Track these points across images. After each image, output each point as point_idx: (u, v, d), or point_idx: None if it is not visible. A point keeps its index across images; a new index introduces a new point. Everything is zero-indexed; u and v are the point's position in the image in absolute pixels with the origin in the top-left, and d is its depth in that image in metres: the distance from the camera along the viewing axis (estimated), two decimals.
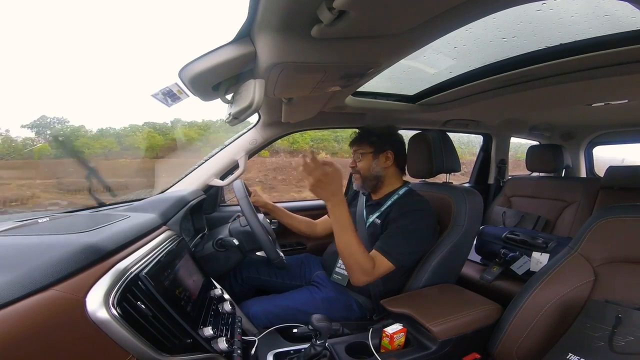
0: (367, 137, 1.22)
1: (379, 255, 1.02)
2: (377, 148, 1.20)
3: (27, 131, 3.01)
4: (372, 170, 1.20)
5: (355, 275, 1.00)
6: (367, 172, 1.20)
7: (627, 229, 0.83)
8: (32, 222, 0.81)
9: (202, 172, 1.46)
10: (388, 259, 1.01)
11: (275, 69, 0.73)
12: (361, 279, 0.99)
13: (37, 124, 2.98)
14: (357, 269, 0.98)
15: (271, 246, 1.06)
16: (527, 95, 1.28)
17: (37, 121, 2.98)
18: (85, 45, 3.38)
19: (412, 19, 0.61)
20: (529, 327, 0.85)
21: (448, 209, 1.20)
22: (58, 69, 2.98)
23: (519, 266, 1.55)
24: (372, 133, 1.22)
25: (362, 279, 0.99)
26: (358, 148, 1.23)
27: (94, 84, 3.06)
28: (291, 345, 0.91)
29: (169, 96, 0.88)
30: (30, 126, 2.99)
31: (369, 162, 1.20)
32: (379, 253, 1.02)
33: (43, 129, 3.03)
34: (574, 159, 2.49)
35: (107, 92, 3.13)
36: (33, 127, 2.98)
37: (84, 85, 3.07)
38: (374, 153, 1.20)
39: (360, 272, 0.98)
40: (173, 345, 0.62)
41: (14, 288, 0.45)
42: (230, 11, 0.69)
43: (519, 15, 0.82)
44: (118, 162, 3.05)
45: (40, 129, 2.99)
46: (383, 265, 1.01)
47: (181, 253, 0.86)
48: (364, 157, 1.21)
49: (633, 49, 0.84)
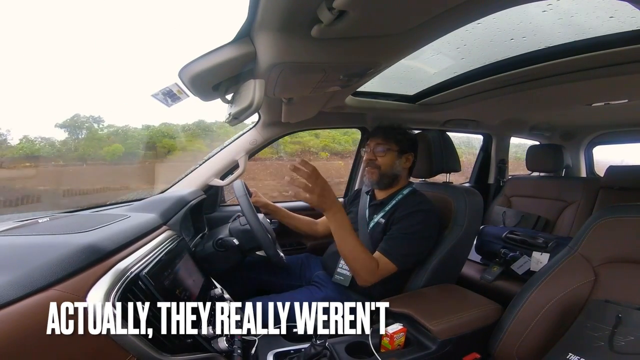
0: (393, 133, 1.20)
1: (383, 257, 1.03)
2: (403, 147, 1.19)
3: (61, 131, 2.99)
4: (394, 168, 1.19)
5: (362, 277, 1.01)
6: (389, 169, 1.18)
7: (627, 229, 0.83)
8: (32, 222, 0.81)
9: (202, 172, 1.46)
10: (392, 260, 1.02)
11: (275, 69, 0.73)
12: (368, 279, 1.01)
13: (70, 124, 2.96)
14: (364, 271, 1.00)
15: (271, 246, 1.06)
16: (527, 95, 1.28)
17: (71, 120, 2.96)
18: (85, 45, 3.37)
19: (412, 19, 0.61)
20: (529, 327, 0.85)
21: (448, 208, 1.20)
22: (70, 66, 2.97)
23: (519, 266, 1.55)
24: (399, 131, 1.21)
25: (369, 280, 1.01)
26: (383, 142, 1.19)
27: (106, 81, 3.06)
28: (291, 345, 0.91)
29: (169, 96, 0.88)
30: (63, 125, 2.98)
31: (392, 159, 1.18)
32: (382, 255, 1.03)
33: (77, 129, 3.01)
34: (574, 159, 2.49)
35: (111, 90, 3.13)
36: (66, 126, 2.96)
37: (96, 83, 3.07)
38: (399, 152, 1.19)
39: (366, 273, 1.00)
40: (173, 345, 0.62)
41: (14, 288, 0.45)
42: (230, 11, 0.69)
43: (519, 15, 0.82)
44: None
45: (73, 129, 2.98)
46: (387, 268, 1.02)
47: (181, 253, 0.86)
48: (387, 153, 1.18)
49: (633, 49, 0.84)
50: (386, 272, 1.02)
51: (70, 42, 3.21)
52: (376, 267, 1.00)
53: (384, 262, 1.02)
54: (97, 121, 3.05)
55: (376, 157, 1.19)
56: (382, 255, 1.03)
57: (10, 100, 2.38)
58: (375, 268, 1.00)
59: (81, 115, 2.99)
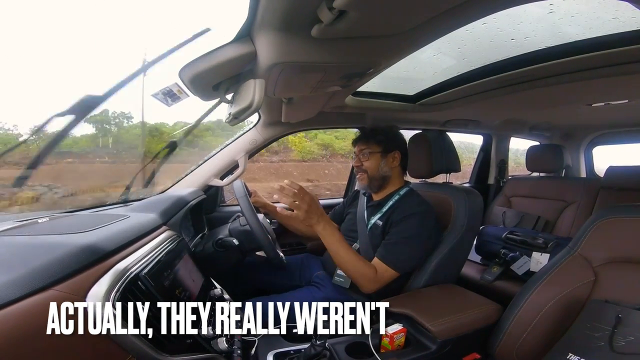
0: (374, 135, 1.21)
1: (382, 264, 1.03)
2: (386, 148, 1.19)
3: (89, 126, 2.99)
4: (380, 170, 1.19)
5: (362, 285, 1.02)
6: (376, 172, 1.19)
7: (627, 229, 0.83)
8: (32, 222, 0.80)
9: (202, 172, 1.46)
10: (390, 266, 1.03)
11: (275, 68, 0.73)
12: (369, 287, 1.02)
13: (100, 119, 2.95)
14: (363, 280, 1.01)
15: (271, 246, 1.06)
16: (527, 95, 1.27)
17: (99, 116, 2.96)
18: (84, 45, 3.39)
19: (412, 19, 0.61)
20: (529, 327, 0.85)
21: (448, 209, 1.20)
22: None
23: (519, 266, 1.55)
24: (379, 132, 1.21)
25: (371, 287, 1.02)
26: (365, 147, 1.21)
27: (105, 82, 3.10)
28: (291, 345, 0.91)
29: (169, 96, 0.88)
30: (91, 121, 2.98)
31: (377, 161, 1.19)
32: (381, 262, 1.04)
33: (106, 124, 3.02)
34: (574, 159, 2.49)
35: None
36: (95, 122, 2.95)
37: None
38: (382, 153, 1.19)
39: (365, 281, 1.01)
40: (173, 345, 0.62)
41: (14, 288, 0.45)
42: (230, 11, 0.69)
43: (519, 15, 0.82)
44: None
45: (102, 124, 2.98)
46: (387, 274, 1.03)
47: (181, 253, 0.86)
48: (371, 156, 1.19)
49: (633, 49, 0.84)
50: (387, 278, 1.03)
51: (70, 43, 3.23)
52: (374, 274, 1.01)
53: (383, 269, 1.03)
54: (126, 117, 3.06)
55: (362, 162, 1.21)
56: (380, 262, 1.04)
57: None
58: (373, 276, 1.01)
59: (110, 112, 3.01)
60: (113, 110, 3.03)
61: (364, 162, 1.20)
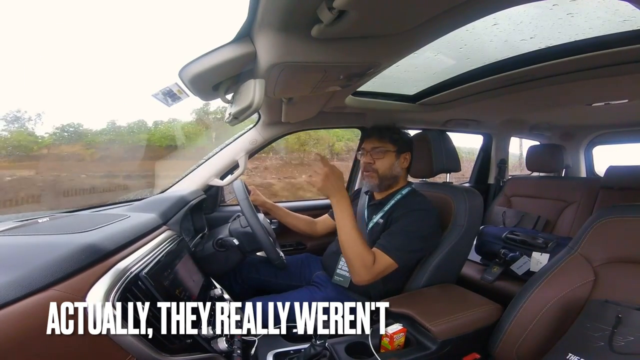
0: (389, 134, 1.17)
1: (379, 252, 1.01)
2: (400, 147, 1.17)
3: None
4: (393, 169, 1.16)
5: (356, 270, 0.98)
6: (388, 172, 1.16)
7: (627, 229, 0.83)
8: (32, 222, 0.81)
9: (202, 172, 1.46)
10: (388, 255, 1.00)
11: (275, 69, 0.73)
12: (363, 274, 0.98)
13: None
14: (359, 263, 0.97)
15: (271, 246, 1.06)
16: (527, 95, 1.28)
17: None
18: (84, 45, 3.40)
19: (412, 19, 0.61)
20: (529, 327, 0.85)
21: (448, 209, 1.19)
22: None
23: (519, 266, 1.55)
24: (395, 131, 1.19)
25: (363, 275, 0.98)
26: (379, 145, 1.16)
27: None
28: (291, 345, 0.91)
29: (169, 96, 0.88)
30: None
31: (391, 160, 1.16)
32: (379, 250, 1.01)
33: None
34: (574, 159, 2.49)
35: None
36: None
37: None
38: (397, 152, 1.17)
39: (361, 266, 0.97)
40: (173, 345, 0.62)
41: (14, 288, 0.45)
42: (230, 11, 0.69)
43: (519, 15, 0.82)
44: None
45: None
46: (383, 262, 1.00)
47: (181, 253, 0.86)
48: (386, 155, 1.16)
49: (633, 49, 0.84)
50: (383, 267, 1.00)
51: (71, 43, 3.23)
52: (372, 261, 0.98)
53: (380, 256, 1.00)
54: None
55: (374, 160, 1.17)
56: (379, 251, 1.01)
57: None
58: (371, 263, 0.98)
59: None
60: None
61: (377, 160, 1.16)
